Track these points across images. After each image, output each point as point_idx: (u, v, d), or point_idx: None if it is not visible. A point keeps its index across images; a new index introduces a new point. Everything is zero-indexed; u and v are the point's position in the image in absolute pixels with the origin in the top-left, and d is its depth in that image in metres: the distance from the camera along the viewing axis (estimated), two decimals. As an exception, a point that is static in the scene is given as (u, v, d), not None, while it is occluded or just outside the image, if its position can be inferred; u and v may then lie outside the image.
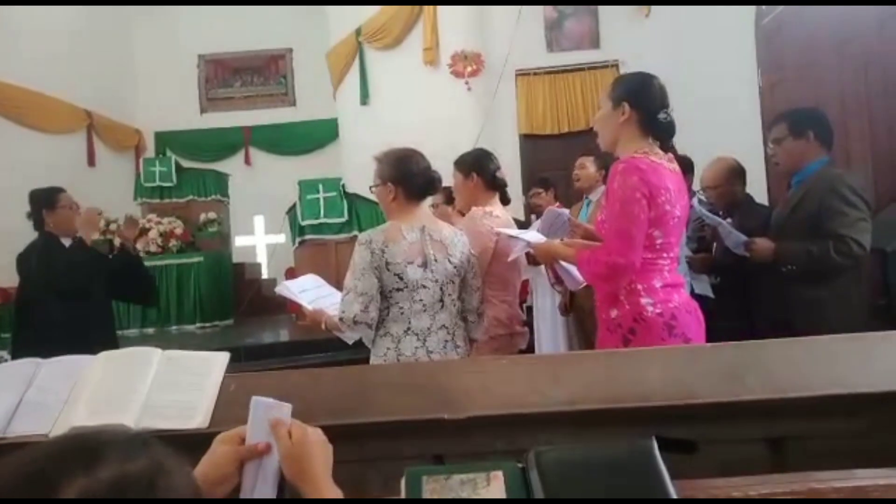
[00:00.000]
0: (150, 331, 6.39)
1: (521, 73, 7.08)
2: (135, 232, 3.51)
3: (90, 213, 3.12)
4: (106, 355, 1.31)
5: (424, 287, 2.00)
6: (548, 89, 7.07)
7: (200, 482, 0.73)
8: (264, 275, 8.50)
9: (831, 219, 2.29)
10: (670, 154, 1.84)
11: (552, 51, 7.11)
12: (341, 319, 1.96)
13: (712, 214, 2.72)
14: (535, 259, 2.36)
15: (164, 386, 1.24)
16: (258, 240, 9.01)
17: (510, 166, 5.59)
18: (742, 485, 0.89)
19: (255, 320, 7.10)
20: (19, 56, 7.09)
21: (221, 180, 7.70)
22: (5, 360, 3.57)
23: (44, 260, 2.93)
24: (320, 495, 0.86)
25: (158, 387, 1.23)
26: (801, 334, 1.32)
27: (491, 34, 6.97)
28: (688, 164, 3.25)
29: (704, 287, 2.77)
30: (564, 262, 2.12)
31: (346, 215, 6.32)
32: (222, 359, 1.31)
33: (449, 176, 2.53)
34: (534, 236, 2.20)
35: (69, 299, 2.92)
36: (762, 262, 2.44)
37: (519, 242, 2.19)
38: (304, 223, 6.31)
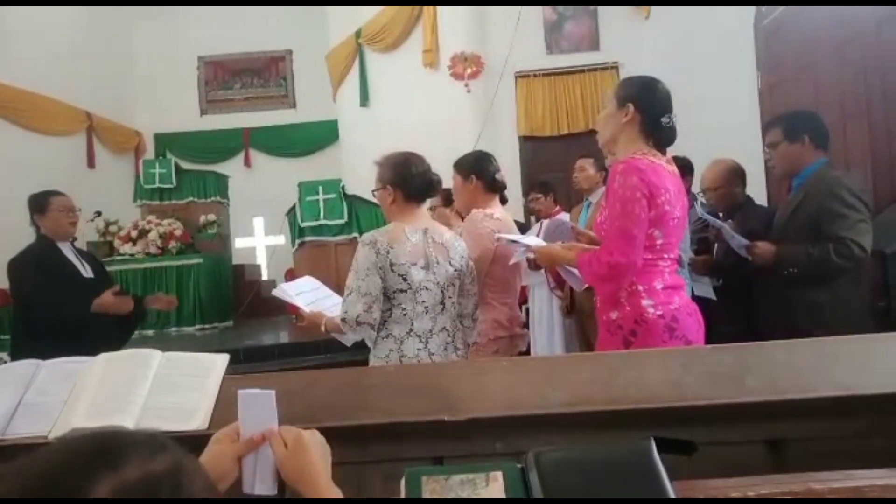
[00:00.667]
0: (150, 332, 6.37)
1: (520, 75, 7.09)
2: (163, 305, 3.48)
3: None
4: (106, 357, 1.32)
5: (427, 289, 2.00)
6: (547, 91, 7.08)
7: None
8: (264, 276, 8.49)
9: (831, 221, 2.29)
10: (669, 156, 1.85)
11: (552, 52, 7.12)
12: (344, 320, 1.95)
13: (712, 217, 2.72)
14: (536, 263, 2.36)
15: (164, 387, 1.24)
16: (258, 241, 9.00)
17: (510, 168, 5.60)
18: (740, 485, 0.89)
19: (254, 322, 7.09)
20: (19, 57, 7.10)
21: (221, 182, 7.69)
22: (5, 361, 3.57)
23: (41, 271, 2.90)
24: (320, 496, 0.87)
25: (158, 388, 1.24)
26: (802, 336, 1.32)
27: (490, 36, 6.98)
28: (687, 166, 3.25)
29: (706, 289, 2.77)
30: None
31: (346, 217, 6.31)
32: (222, 360, 1.32)
33: (448, 178, 2.53)
34: (534, 241, 2.20)
35: (68, 303, 2.91)
36: (763, 264, 2.44)
37: (519, 247, 2.19)
38: (303, 225, 6.30)
